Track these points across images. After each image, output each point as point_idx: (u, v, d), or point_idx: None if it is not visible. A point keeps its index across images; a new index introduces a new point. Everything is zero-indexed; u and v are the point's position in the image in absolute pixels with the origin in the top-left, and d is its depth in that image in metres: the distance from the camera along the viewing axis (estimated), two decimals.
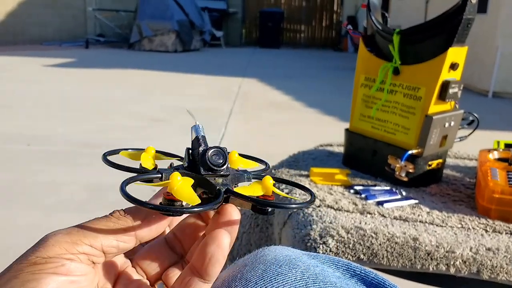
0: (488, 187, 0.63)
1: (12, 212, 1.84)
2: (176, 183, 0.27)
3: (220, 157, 0.30)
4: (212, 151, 0.30)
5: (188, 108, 0.36)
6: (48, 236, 0.25)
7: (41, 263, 0.24)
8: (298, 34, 12.67)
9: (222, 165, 0.30)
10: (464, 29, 0.67)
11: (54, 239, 0.25)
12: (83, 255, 0.25)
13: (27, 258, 0.24)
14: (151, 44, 8.95)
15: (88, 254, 0.25)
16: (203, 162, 0.29)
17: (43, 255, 0.24)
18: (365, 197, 0.68)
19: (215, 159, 0.30)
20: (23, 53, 7.42)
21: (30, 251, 0.25)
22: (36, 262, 0.24)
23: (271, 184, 0.30)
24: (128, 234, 0.27)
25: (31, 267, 0.24)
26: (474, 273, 0.54)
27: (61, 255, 0.24)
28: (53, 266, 0.24)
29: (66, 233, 0.25)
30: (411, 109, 0.72)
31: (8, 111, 3.55)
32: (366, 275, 0.31)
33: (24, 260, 0.24)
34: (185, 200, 0.27)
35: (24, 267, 0.24)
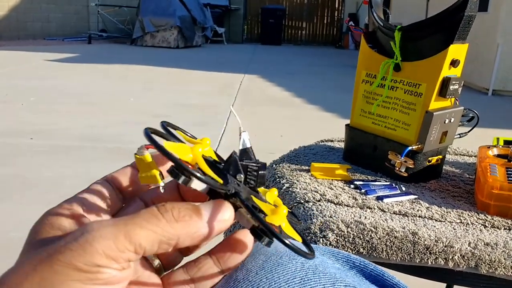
0: (487, 183, 0.63)
1: (15, 206, 1.85)
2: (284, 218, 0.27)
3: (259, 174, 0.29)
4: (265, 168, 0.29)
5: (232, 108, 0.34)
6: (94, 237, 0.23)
7: (90, 272, 0.23)
8: (299, 31, 12.65)
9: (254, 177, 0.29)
10: (465, 26, 0.67)
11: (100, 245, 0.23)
12: (126, 262, 0.24)
13: (74, 263, 0.22)
14: (153, 40, 8.95)
15: (131, 260, 0.24)
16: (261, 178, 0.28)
17: (90, 263, 0.22)
18: (365, 192, 0.69)
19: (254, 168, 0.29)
20: (26, 48, 7.42)
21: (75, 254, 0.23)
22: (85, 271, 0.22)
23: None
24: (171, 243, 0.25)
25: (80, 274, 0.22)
26: (473, 268, 0.55)
27: (109, 264, 0.23)
28: (103, 277, 0.23)
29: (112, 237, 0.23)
30: (412, 105, 0.72)
31: (11, 106, 3.56)
32: (365, 266, 0.32)
33: (71, 264, 0.22)
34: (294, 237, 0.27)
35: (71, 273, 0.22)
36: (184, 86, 4.85)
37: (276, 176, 0.77)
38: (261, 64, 7.19)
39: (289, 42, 12.34)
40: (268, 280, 0.28)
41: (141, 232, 0.24)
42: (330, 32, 12.54)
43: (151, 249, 0.24)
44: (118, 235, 0.23)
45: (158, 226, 0.24)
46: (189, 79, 5.34)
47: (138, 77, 5.30)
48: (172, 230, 0.24)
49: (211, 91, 4.66)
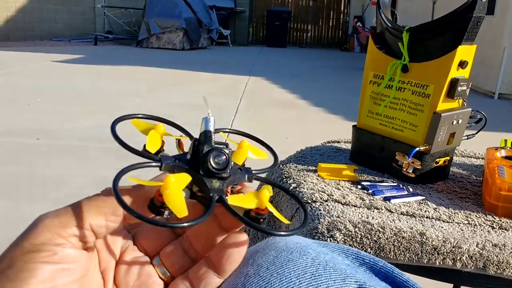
0: (495, 184, 0.63)
1: (21, 205, 1.86)
2: (168, 186, 0.26)
3: (223, 160, 0.29)
4: (215, 152, 0.28)
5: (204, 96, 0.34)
6: (37, 220, 0.25)
7: (34, 251, 0.24)
8: (304, 33, 12.64)
9: (222, 168, 0.28)
10: (474, 27, 0.67)
11: (43, 223, 0.25)
12: (73, 237, 0.25)
13: (20, 245, 0.24)
14: (158, 42, 8.98)
15: (78, 236, 0.25)
16: (204, 162, 0.28)
17: (35, 242, 0.24)
18: (372, 192, 0.69)
19: (217, 161, 0.28)
20: (32, 49, 7.47)
21: (22, 237, 0.25)
22: (29, 250, 0.24)
23: (267, 198, 0.28)
24: (116, 214, 0.26)
25: (24, 256, 0.24)
26: (480, 268, 0.54)
27: (52, 240, 0.24)
28: (45, 255, 0.24)
29: (55, 215, 0.25)
30: (419, 106, 0.72)
31: (18, 106, 3.58)
32: (375, 263, 0.32)
33: (17, 247, 0.24)
34: (172, 210, 0.26)
35: (17, 255, 0.24)
36: (190, 88, 4.86)
37: (283, 176, 0.77)
38: (266, 66, 7.19)
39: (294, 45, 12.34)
40: (279, 275, 0.28)
41: (84, 207, 0.26)
42: (336, 35, 12.53)
43: (98, 223, 0.26)
44: (60, 212, 0.25)
45: (98, 199, 0.26)
46: (195, 81, 5.35)
47: (144, 78, 5.32)
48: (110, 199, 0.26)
49: (216, 92, 4.67)
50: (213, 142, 0.29)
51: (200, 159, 0.28)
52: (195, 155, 0.29)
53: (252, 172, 0.31)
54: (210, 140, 0.29)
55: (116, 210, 0.26)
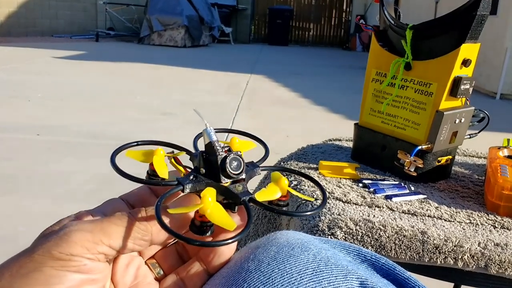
0: (498, 183, 0.63)
1: (22, 200, 1.86)
2: (208, 206, 0.27)
3: (238, 164, 0.30)
4: (230, 159, 0.30)
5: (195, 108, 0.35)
6: (71, 230, 0.26)
7: (64, 260, 0.25)
8: (306, 32, 12.63)
9: (240, 171, 0.30)
10: (477, 25, 0.67)
11: (77, 236, 0.26)
12: (102, 255, 0.26)
13: (51, 252, 0.25)
14: (160, 39, 8.98)
15: (106, 254, 0.27)
16: (223, 171, 0.30)
17: (66, 252, 0.25)
18: (374, 190, 0.68)
19: (234, 167, 0.30)
20: (34, 45, 7.47)
21: (53, 244, 0.25)
22: (60, 258, 0.25)
23: (287, 185, 0.31)
24: (145, 239, 0.28)
25: (55, 262, 0.25)
26: (482, 268, 0.54)
27: (83, 254, 0.25)
28: (75, 265, 0.25)
29: (89, 230, 0.26)
30: (422, 105, 0.72)
31: (19, 102, 3.58)
32: (377, 260, 0.32)
33: (48, 253, 0.25)
34: (222, 226, 0.27)
35: (47, 260, 0.25)
36: (191, 85, 4.86)
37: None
38: (267, 64, 7.19)
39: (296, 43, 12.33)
40: (280, 271, 0.28)
41: (115, 228, 0.27)
42: (338, 34, 12.52)
43: (127, 246, 0.27)
44: (95, 229, 0.26)
45: (131, 223, 0.27)
46: (196, 78, 5.35)
47: (145, 75, 5.32)
48: (142, 226, 0.28)
49: (217, 90, 4.67)
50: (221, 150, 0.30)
51: (219, 167, 0.30)
52: (209, 166, 0.30)
53: (258, 165, 0.33)
54: (219, 149, 0.30)
55: (146, 236, 0.28)
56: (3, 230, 1.61)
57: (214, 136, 0.31)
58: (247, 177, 0.31)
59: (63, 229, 0.26)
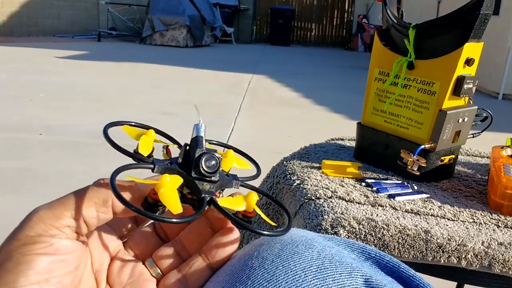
0: (501, 182, 0.63)
1: (24, 200, 1.86)
2: (163, 185, 0.27)
3: (214, 164, 0.30)
4: (207, 156, 0.30)
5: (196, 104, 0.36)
6: (31, 213, 0.26)
7: (30, 243, 0.24)
8: (308, 32, 12.63)
9: (213, 172, 0.30)
10: (481, 25, 0.67)
11: (37, 215, 0.25)
12: (67, 228, 0.26)
13: (16, 237, 0.25)
14: (162, 39, 8.99)
15: (72, 226, 0.26)
16: (196, 165, 0.30)
17: (30, 233, 0.25)
18: (377, 190, 0.68)
19: (208, 165, 0.30)
20: (36, 45, 7.48)
21: (17, 230, 0.25)
22: (26, 242, 0.24)
23: (254, 202, 0.31)
24: (107, 205, 0.27)
25: (21, 248, 0.24)
26: (486, 267, 0.54)
27: (47, 231, 0.25)
28: (42, 246, 0.25)
29: (48, 208, 0.26)
30: (425, 104, 0.72)
31: (21, 101, 3.59)
32: (381, 258, 0.32)
33: (14, 240, 0.25)
34: (168, 207, 0.27)
35: (14, 248, 0.24)
36: (193, 85, 4.86)
37: (287, 172, 0.77)
38: (269, 64, 7.19)
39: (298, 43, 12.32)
40: (284, 268, 0.27)
41: (76, 199, 0.26)
42: (339, 34, 12.51)
43: (89, 213, 0.27)
44: (54, 204, 0.26)
45: (90, 191, 0.27)
46: (198, 78, 5.35)
47: (147, 75, 5.32)
48: (103, 192, 0.27)
49: (219, 90, 4.67)
50: (204, 147, 0.30)
51: (192, 162, 0.30)
52: (186, 158, 0.31)
53: (238, 179, 0.33)
54: (202, 145, 0.30)
55: (106, 201, 0.27)
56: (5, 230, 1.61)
57: (202, 133, 0.31)
58: (220, 185, 0.31)
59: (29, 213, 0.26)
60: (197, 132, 0.31)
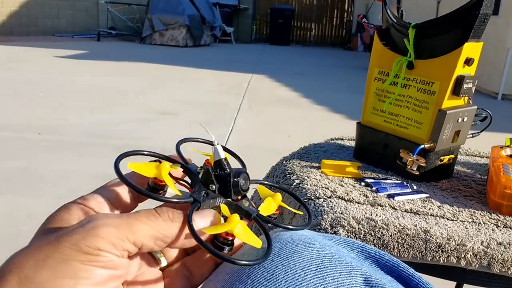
0: (500, 182, 0.63)
1: (23, 199, 1.86)
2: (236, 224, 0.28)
3: (246, 180, 0.31)
4: (242, 176, 0.31)
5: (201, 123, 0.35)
6: (98, 225, 0.25)
7: (92, 254, 0.25)
8: (308, 32, 12.63)
9: (248, 187, 0.31)
10: (480, 24, 0.67)
11: (105, 231, 0.25)
12: (126, 251, 0.26)
13: (79, 245, 0.25)
14: (162, 38, 8.98)
15: (130, 251, 0.27)
16: (235, 186, 0.30)
17: (93, 246, 0.25)
18: (376, 189, 0.68)
19: (244, 183, 0.31)
20: (35, 44, 7.47)
21: (80, 238, 0.25)
22: (88, 252, 0.25)
23: (280, 200, 0.33)
24: (166, 241, 0.28)
25: (83, 256, 0.24)
26: (485, 267, 0.54)
27: (109, 249, 0.25)
28: (103, 260, 0.25)
29: (116, 226, 0.26)
30: (425, 104, 0.72)
31: (20, 101, 3.59)
32: (381, 257, 0.32)
33: (75, 246, 0.25)
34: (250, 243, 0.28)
35: (75, 254, 0.24)
36: (192, 85, 4.86)
37: (287, 172, 0.77)
38: (269, 64, 7.19)
39: (297, 43, 12.32)
40: (284, 267, 0.27)
41: (141, 226, 0.27)
42: (339, 34, 12.51)
43: (148, 243, 0.27)
44: (121, 225, 0.26)
45: (156, 223, 0.27)
46: (197, 78, 5.35)
47: (147, 75, 5.32)
48: (167, 228, 0.28)
49: (219, 90, 4.67)
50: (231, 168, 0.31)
51: (231, 185, 0.30)
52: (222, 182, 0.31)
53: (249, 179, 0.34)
54: (229, 166, 0.31)
55: (167, 237, 0.28)
56: (4, 229, 1.61)
57: (222, 154, 0.31)
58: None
59: (90, 222, 0.26)
60: (219, 155, 0.31)
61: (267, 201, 0.33)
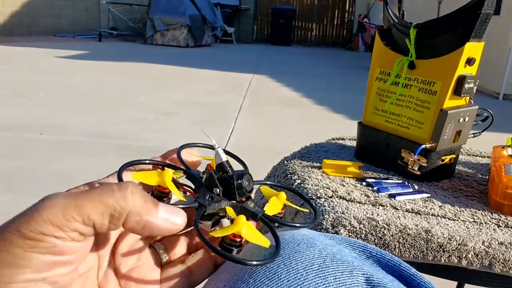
0: (502, 182, 0.63)
1: (24, 199, 1.86)
2: (242, 226, 0.28)
3: (250, 181, 0.31)
4: (245, 177, 0.31)
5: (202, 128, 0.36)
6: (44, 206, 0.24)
7: (34, 240, 0.23)
8: (309, 32, 12.63)
9: (252, 188, 0.31)
10: (482, 24, 0.67)
11: (48, 213, 0.23)
12: (75, 232, 0.24)
13: (20, 230, 0.23)
14: (163, 39, 8.99)
15: (80, 231, 0.24)
16: (239, 188, 0.31)
17: (35, 230, 0.23)
18: (377, 189, 0.68)
19: (247, 185, 0.31)
20: (37, 44, 7.48)
21: (23, 222, 0.23)
22: (30, 238, 0.23)
23: (285, 199, 0.33)
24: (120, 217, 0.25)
25: (24, 242, 0.23)
26: (486, 266, 0.54)
27: (53, 233, 0.23)
28: (46, 246, 0.23)
29: (61, 206, 0.24)
30: (426, 104, 0.72)
31: (22, 101, 3.59)
32: (382, 257, 0.32)
33: (17, 231, 0.23)
34: (258, 243, 0.28)
35: (15, 240, 0.23)
36: (193, 85, 4.86)
37: (288, 172, 0.77)
38: (270, 64, 7.19)
39: (298, 43, 12.32)
40: (286, 266, 0.28)
41: (91, 204, 0.24)
42: (340, 34, 12.51)
43: (101, 222, 0.24)
44: (68, 205, 0.24)
45: (112, 198, 0.25)
46: (199, 78, 5.35)
47: (148, 75, 5.32)
48: (124, 204, 0.25)
49: (220, 90, 4.67)
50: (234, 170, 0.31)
51: (235, 187, 0.30)
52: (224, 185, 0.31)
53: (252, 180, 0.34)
54: (232, 168, 0.31)
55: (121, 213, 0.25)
56: None
57: (224, 157, 0.32)
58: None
59: (38, 204, 0.24)
60: (222, 158, 0.31)
61: (272, 200, 0.33)
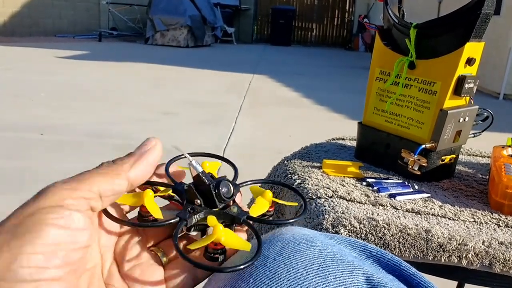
0: (502, 182, 0.63)
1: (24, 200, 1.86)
2: (222, 234, 0.29)
3: (228, 188, 0.32)
4: (222, 184, 0.31)
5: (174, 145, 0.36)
6: (47, 187, 0.26)
7: (43, 213, 0.25)
8: (309, 32, 12.64)
9: (232, 194, 0.32)
10: (482, 24, 0.67)
11: (52, 189, 0.26)
12: (82, 199, 0.26)
13: (30, 205, 0.25)
14: (163, 39, 8.99)
15: (87, 198, 0.26)
16: (218, 196, 0.31)
17: (44, 204, 0.25)
18: (378, 189, 0.68)
19: (226, 191, 0.31)
20: (37, 45, 7.48)
21: (31, 201, 0.26)
22: (38, 211, 0.25)
23: (271, 197, 0.34)
24: (121, 177, 0.29)
25: (33, 216, 0.25)
26: (486, 266, 0.54)
27: (61, 201, 0.25)
28: (54, 217, 0.25)
29: (63, 182, 0.27)
30: (426, 104, 0.72)
31: (22, 101, 3.59)
32: (382, 256, 0.32)
33: (27, 208, 0.25)
34: (239, 248, 0.29)
35: (26, 215, 0.25)
36: (193, 85, 4.86)
37: (288, 172, 0.77)
38: (270, 64, 7.19)
39: (298, 43, 12.33)
40: (286, 266, 0.28)
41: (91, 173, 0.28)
42: (340, 34, 12.51)
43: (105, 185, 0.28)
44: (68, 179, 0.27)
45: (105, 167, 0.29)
46: (199, 78, 5.35)
47: (148, 75, 5.32)
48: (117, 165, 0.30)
49: (220, 90, 4.67)
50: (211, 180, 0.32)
51: (215, 195, 0.31)
52: (203, 196, 0.31)
53: (236, 183, 0.34)
54: (209, 178, 0.31)
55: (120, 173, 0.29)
56: None
57: (200, 167, 0.32)
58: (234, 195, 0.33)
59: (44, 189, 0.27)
60: (197, 170, 0.32)
61: (258, 200, 0.33)
